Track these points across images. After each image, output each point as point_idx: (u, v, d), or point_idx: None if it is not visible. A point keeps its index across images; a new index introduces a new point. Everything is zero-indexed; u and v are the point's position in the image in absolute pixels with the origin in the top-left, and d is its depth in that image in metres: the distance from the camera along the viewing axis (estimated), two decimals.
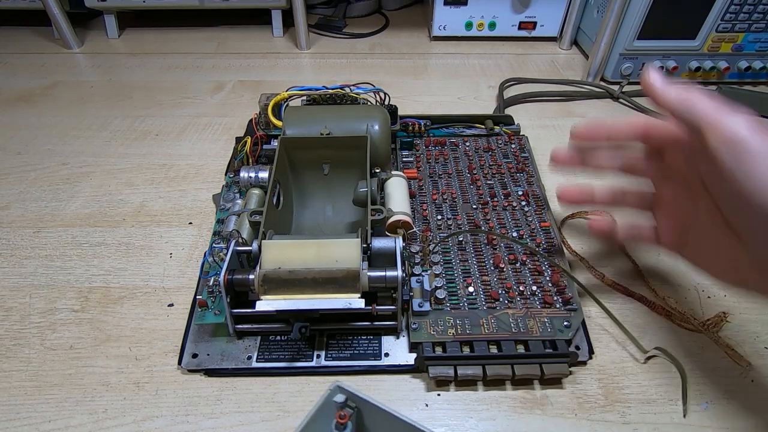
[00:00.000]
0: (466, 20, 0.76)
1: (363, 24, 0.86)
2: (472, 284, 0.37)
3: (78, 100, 0.64)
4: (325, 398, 0.25)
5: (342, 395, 0.25)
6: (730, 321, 0.37)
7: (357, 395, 0.25)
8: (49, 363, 0.35)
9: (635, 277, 0.41)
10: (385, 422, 0.26)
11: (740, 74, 0.65)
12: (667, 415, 0.32)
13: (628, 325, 0.36)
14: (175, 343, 0.36)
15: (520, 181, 0.47)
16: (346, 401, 0.25)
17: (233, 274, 0.32)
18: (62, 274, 0.41)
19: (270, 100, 0.49)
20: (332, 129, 0.44)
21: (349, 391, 0.25)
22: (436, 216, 0.44)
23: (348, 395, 0.25)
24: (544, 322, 0.35)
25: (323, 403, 0.25)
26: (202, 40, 0.80)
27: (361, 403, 0.26)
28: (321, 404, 0.25)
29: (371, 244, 0.34)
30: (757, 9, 0.60)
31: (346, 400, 0.25)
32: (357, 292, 0.32)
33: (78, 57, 0.75)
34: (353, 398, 0.26)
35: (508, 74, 0.70)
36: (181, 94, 0.66)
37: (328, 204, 0.45)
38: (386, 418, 0.25)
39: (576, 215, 0.46)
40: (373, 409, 0.25)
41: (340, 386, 0.26)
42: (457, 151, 0.51)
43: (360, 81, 0.52)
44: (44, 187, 0.50)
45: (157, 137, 0.57)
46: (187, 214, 0.47)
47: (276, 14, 0.80)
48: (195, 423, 0.31)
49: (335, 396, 0.25)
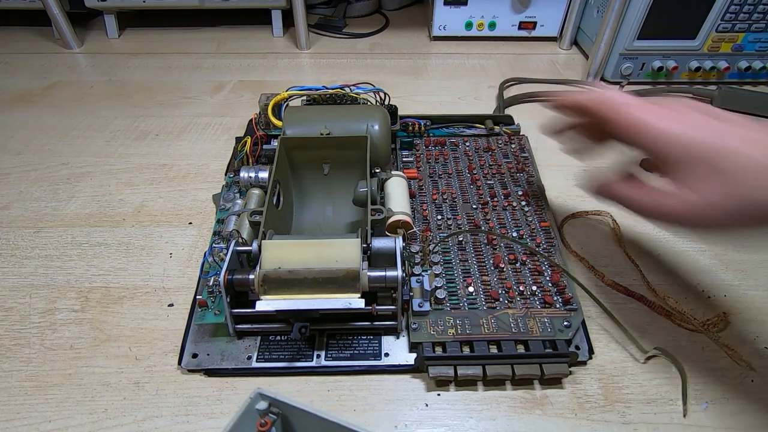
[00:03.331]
0: (466, 20, 0.76)
1: (363, 24, 0.86)
2: (472, 284, 0.37)
3: (78, 100, 0.64)
4: (246, 406, 0.24)
5: (264, 402, 0.25)
6: (730, 321, 0.37)
7: (280, 401, 0.24)
8: (49, 363, 0.35)
9: (635, 277, 0.41)
10: (315, 425, 0.25)
11: (740, 74, 0.65)
12: (667, 415, 0.32)
13: (628, 325, 0.36)
14: (175, 343, 0.36)
15: (520, 181, 0.47)
16: (269, 408, 0.25)
17: (233, 274, 0.32)
18: (62, 274, 0.41)
19: (270, 100, 0.49)
20: (332, 129, 0.44)
21: (271, 398, 0.24)
22: (436, 216, 0.44)
23: (271, 401, 0.25)
24: (544, 322, 0.35)
25: (244, 411, 0.24)
26: (202, 40, 0.80)
27: (286, 408, 0.25)
28: (242, 413, 0.24)
29: (371, 244, 0.34)
30: (757, 9, 0.60)
31: (269, 406, 0.25)
32: (357, 292, 0.32)
33: (78, 57, 0.75)
34: (277, 404, 0.25)
35: (508, 74, 0.70)
36: (181, 94, 0.66)
37: (328, 204, 0.45)
38: (315, 422, 0.24)
39: (576, 215, 0.46)
40: (300, 413, 0.24)
41: (262, 393, 0.25)
42: (457, 151, 0.51)
43: (360, 81, 0.52)
44: (44, 187, 0.50)
45: (157, 137, 0.57)
46: (187, 214, 0.47)
47: (276, 14, 0.80)
48: (195, 423, 0.31)
49: (257, 404, 0.25)
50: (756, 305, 0.38)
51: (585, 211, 0.46)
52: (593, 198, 0.35)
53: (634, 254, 0.42)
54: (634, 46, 0.63)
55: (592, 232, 0.45)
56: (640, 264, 0.41)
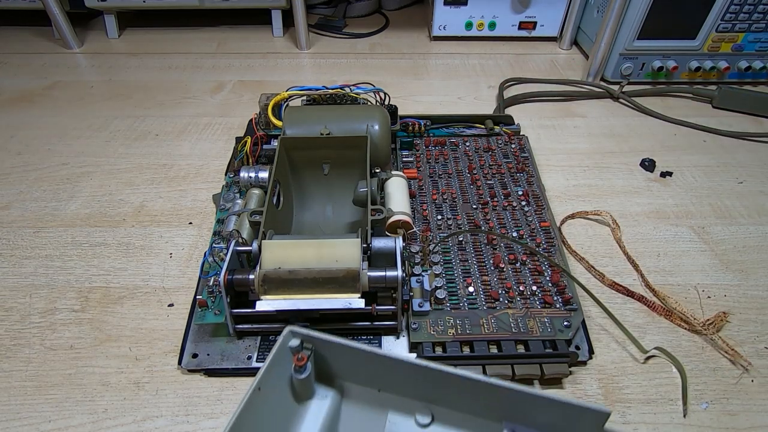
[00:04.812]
0: (466, 20, 0.76)
1: (363, 24, 0.86)
2: (472, 284, 0.37)
3: (78, 100, 0.64)
4: (279, 345, 0.25)
5: (296, 339, 0.25)
6: (730, 321, 0.37)
7: (311, 335, 0.25)
8: (49, 363, 0.35)
9: (635, 277, 0.41)
10: (347, 357, 0.25)
11: (740, 74, 0.65)
12: (667, 415, 0.32)
13: (628, 325, 0.36)
14: (175, 343, 0.36)
15: (520, 181, 0.47)
16: (301, 344, 0.25)
17: (233, 274, 0.32)
18: (62, 274, 0.41)
19: (270, 100, 0.49)
20: (332, 129, 0.44)
21: (303, 333, 0.25)
22: (436, 216, 0.44)
23: (303, 337, 0.25)
24: (544, 322, 0.35)
25: (278, 350, 0.24)
26: (202, 40, 0.80)
27: (318, 343, 0.25)
28: (276, 352, 0.24)
29: (371, 244, 0.34)
30: (757, 9, 0.60)
31: (301, 343, 0.25)
32: (357, 292, 0.32)
33: (78, 57, 0.75)
34: (309, 339, 0.25)
35: (508, 74, 0.70)
36: (181, 94, 0.66)
37: (328, 204, 0.45)
38: (347, 353, 0.25)
39: (576, 215, 0.46)
40: (332, 346, 0.25)
41: (293, 330, 0.25)
42: (457, 151, 0.51)
43: (360, 81, 0.52)
44: (44, 187, 0.50)
45: (157, 137, 0.57)
46: (187, 214, 0.47)
47: (276, 14, 0.80)
48: (195, 423, 0.31)
49: (289, 341, 0.25)
50: (756, 305, 0.38)
51: (585, 211, 0.46)
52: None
53: (634, 254, 0.42)
54: (634, 46, 0.63)
55: (592, 232, 0.45)
56: (640, 264, 0.41)
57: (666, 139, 0.57)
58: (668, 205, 0.48)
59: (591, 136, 0.58)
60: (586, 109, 0.63)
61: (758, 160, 0.54)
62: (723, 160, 0.54)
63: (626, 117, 0.61)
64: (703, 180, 0.51)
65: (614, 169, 0.52)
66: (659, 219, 0.46)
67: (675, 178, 0.51)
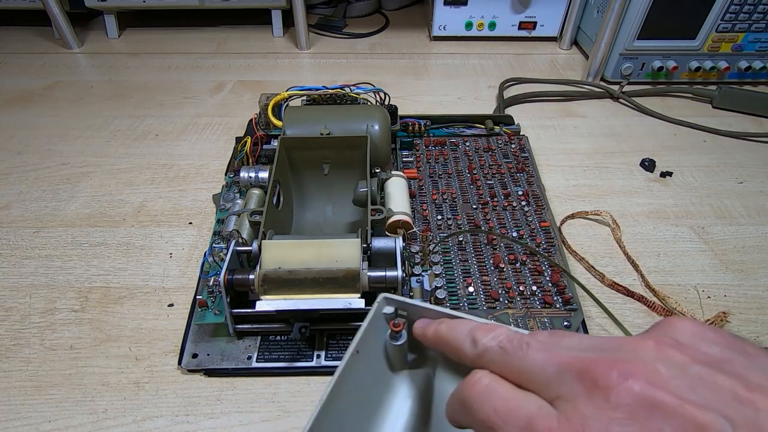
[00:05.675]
0: (466, 20, 0.76)
1: (363, 24, 0.86)
2: (472, 284, 0.37)
3: (78, 100, 0.64)
4: (374, 312, 0.24)
5: (390, 306, 0.24)
6: (730, 321, 0.37)
7: (407, 303, 0.24)
8: (49, 363, 0.35)
9: (635, 277, 0.41)
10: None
11: (740, 74, 0.65)
12: None
13: (628, 325, 0.36)
14: (175, 343, 0.36)
15: (520, 181, 0.47)
16: (396, 312, 0.24)
17: (233, 274, 0.32)
18: (62, 274, 0.41)
19: (270, 100, 0.49)
20: (332, 129, 0.44)
21: (398, 300, 0.24)
22: (436, 216, 0.44)
23: (397, 304, 0.24)
24: (544, 322, 0.35)
25: (373, 316, 0.24)
26: (202, 40, 0.80)
27: (413, 310, 0.24)
28: (371, 318, 0.24)
29: (371, 244, 0.34)
30: (757, 9, 0.60)
31: (395, 310, 0.24)
32: (357, 292, 0.32)
33: (78, 57, 0.75)
34: (403, 306, 0.24)
35: (508, 74, 0.70)
36: (181, 94, 0.66)
37: (328, 204, 0.45)
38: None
39: (576, 215, 0.46)
40: (428, 314, 0.24)
41: (387, 297, 0.25)
42: (457, 151, 0.51)
43: (360, 81, 0.52)
44: (44, 187, 0.50)
45: (157, 137, 0.57)
46: (187, 214, 0.47)
47: (276, 14, 0.80)
48: (195, 423, 0.31)
49: (383, 308, 0.24)
50: (756, 305, 0.38)
51: (585, 211, 0.46)
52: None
53: (634, 254, 0.42)
54: (634, 46, 0.63)
55: (592, 232, 0.45)
56: (640, 264, 0.41)
57: (666, 139, 0.57)
58: (668, 205, 0.48)
59: (591, 136, 0.58)
60: (586, 109, 0.63)
61: (758, 160, 0.54)
62: (723, 160, 0.54)
63: (626, 117, 0.61)
64: (703, 180, 0.51)
65: (614, 169, 0.52)
66: (659, 219, 0.46)
67: (675, 178, 0.51)
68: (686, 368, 0.15)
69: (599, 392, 0.15)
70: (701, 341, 0.16)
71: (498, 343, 0.18)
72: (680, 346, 0.16)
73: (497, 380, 0.18)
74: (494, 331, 0.19)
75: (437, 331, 0.22)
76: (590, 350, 0.17)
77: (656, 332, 0.17)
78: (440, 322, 0.22)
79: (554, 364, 0.17)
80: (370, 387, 0.25)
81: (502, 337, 0.19)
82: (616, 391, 0.15)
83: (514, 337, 0.18)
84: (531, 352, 0.17)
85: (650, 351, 0.16)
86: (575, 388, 0.16)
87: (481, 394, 0.18)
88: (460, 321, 0.21)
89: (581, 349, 0.17)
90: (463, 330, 0.20)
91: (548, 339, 0.18)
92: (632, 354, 0.16)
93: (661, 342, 0.16)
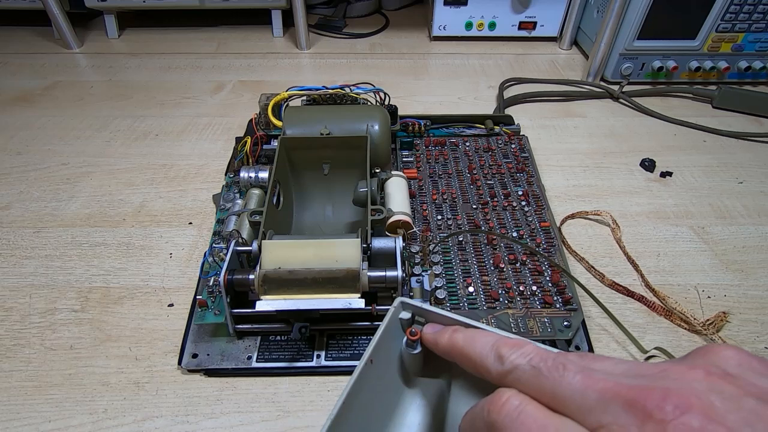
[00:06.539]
0: (466, 20, 0.76)
1: (363, 24, 0.86)
2: (472, 284, 0.37)
3: (78, 100, 0.64)
4: (390, 316, 0.23)
5: (407, 312, 0.24)
6: (730, 321, 0.37)
7: (424, 308, 0.23)
8: (49, 363, 0.35)
9: (635, 277, 0.41)
10: None
11: (740, 74, 0.65)
12: None
13: (628, 325, 0.36)
14: (175, 343, 0.36)
15: (520, 181, 0.47)
16: (413, 317, 0.24)
17: (233, 274, 0.32)
18: (62, 274, 0.41)
19: (270, 100, 0.49)
20: (332, 129, 0.44)
21: (415, 306, 0.23)
22: (436, 216, 0.44)
23: (414, 310, 0.24)
24: (544, 322, 0.35)
25: (389, 321, 0.23)
26: (202, 40, 0.80)
27: (430, 316, 0.23)
28: (387, 323, 0.23)
29: (371, 244, 0.34)
30: (757, 9, 0.60)
31: (413, 316, 0.24)
32: (357, 292, 0.32)
33: (78, 57, 0.75)
34: (421, 312, 0.24)
35: (508, 74, 0.70)
36: (181, 94, 0.66)
37: (328, 204, 0.45)
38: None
39: (576, 215, 0.46)
40: (445, 320, 0.23)
41: (404, 302, 0.24)
42: (457, 151, 0.51)
43: (360, 81, 0.52)
44: (44, 187, 0.50)
45: (157, 137, 0.57)
46: (187, 214, 0.47)
47: (276, 14, 0.80)
48: (195, 423, 0.31)
49: (400, 313, 0.24)
50: (756, 305, 0.38)
51: (585, 211, 0.46)
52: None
53: (634, 254, 0.42)
54: (634, 46, 0.63)
55: (592, 232, 0.45)
56: (640, 264, 0.41)
57: (666, 139, 0.57)
58: (668, 205, 0.48)
59: (591, 136, 0.58)
60: (586, 109, 0.63)
61: (758, 160, 0.54)
62: (723, 160, 0.54)
63: (626, 117, 0.61)
64: (703, 180, 0.51)
65: (614, 169, 0.52)
66: (659, 219, 0.46)
67: (675, 178, 0.51)
68: (740, 402, 0.14)
69: (654, 425, 0.14)
70: (748, 371, 0.15)
71: (529, 362, 0.17)
72: (729, 377, 0.15)
73: (529, 402, 0.17)
74: (522, 348, 0.18)
75: (453, 341, 0.21)
76: (632, 377, 0.15)
77: (701, 359, 0.16)
78: (455, 330, 0.21)
79: (596, 390, 0.15)
80: (382, 397, 0.24)
81: (533, 355, 0.17)
82: (673, 425, 0.13)
83: (547, 356, 0.17)
84: (568, 374, 0.16)
85: (702, 381, 0.15)
86: (623, 419, 0.14)
87: (511, 417, 0.16)
88: (480, 332, 0.20)
89: (621, 375, 0.16)
90: (485, 343, 0.19)
91: (579, 361, 0.17)
92: (682, 384, 0.15)
93: (710, 372, 0.15)
